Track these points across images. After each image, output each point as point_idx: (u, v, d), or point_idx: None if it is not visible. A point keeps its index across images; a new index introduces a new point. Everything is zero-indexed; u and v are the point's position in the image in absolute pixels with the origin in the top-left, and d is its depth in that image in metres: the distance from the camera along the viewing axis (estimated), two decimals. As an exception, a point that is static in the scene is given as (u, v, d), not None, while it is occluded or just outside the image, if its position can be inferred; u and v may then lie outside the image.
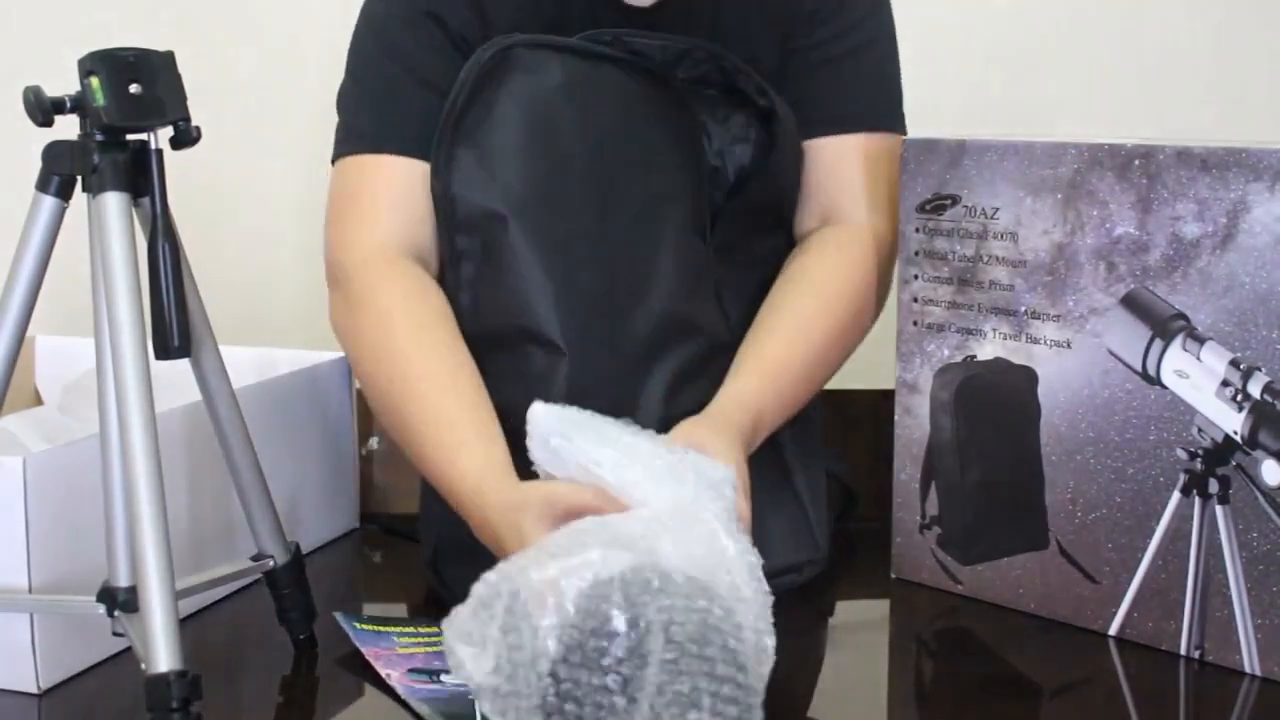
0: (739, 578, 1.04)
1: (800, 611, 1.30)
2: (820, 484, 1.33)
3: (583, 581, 0.91)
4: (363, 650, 1.11)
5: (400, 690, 1.05)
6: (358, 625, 1.15)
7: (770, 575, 1.15)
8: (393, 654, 1.10)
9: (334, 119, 1.28)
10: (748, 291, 1.29)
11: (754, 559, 1.05)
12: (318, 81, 1.56)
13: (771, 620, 1.02)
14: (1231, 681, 1.10)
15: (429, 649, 1.11)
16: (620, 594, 0.90)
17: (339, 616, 1.16)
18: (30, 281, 1.01)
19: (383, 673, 1.08)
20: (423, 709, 1.02)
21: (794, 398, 1.25)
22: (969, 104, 1.65)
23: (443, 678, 1.06)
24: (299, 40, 1.68)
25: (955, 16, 1.67)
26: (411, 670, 1.08)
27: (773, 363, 1.23)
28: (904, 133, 1.33)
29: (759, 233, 1.32)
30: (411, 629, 1.16)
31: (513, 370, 1.20)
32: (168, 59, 0.98)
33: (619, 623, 0.90)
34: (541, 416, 1.13)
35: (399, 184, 1.24)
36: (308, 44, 1.66)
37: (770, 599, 1.04)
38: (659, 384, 1.21)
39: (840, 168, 1.32)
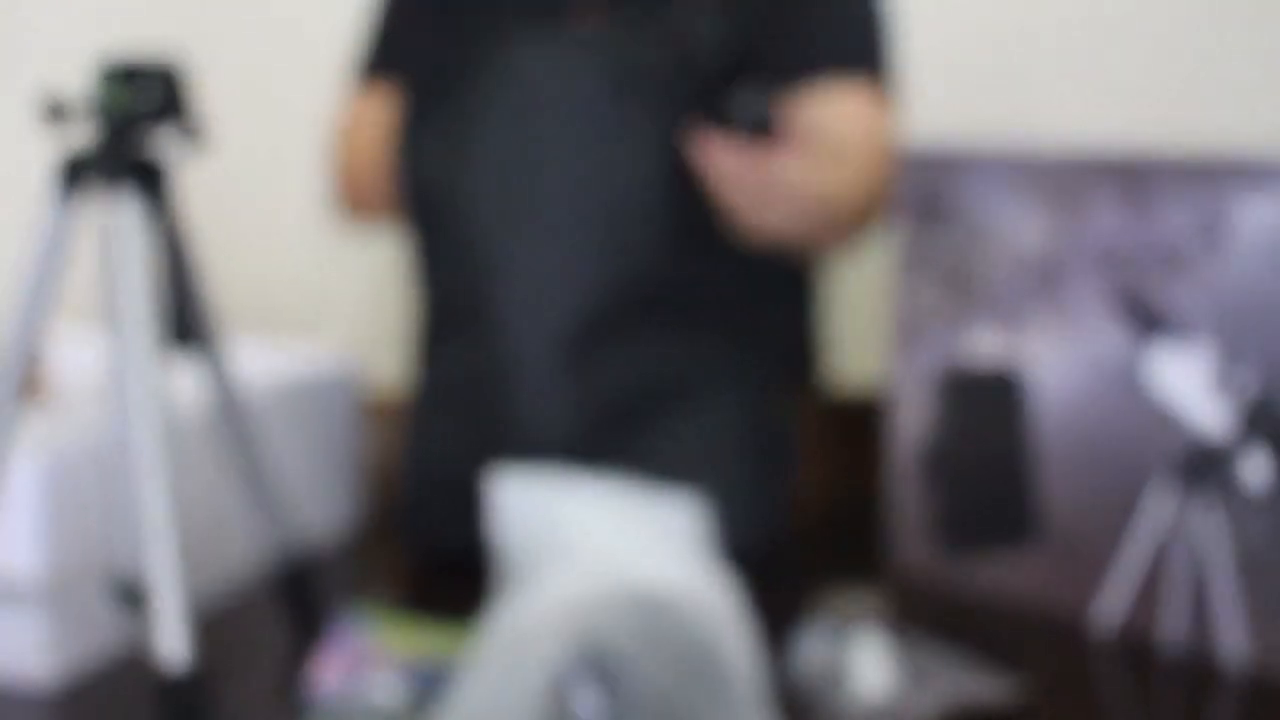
0: (705, 587, 1.04)
1: (798, 611, 1.30)
2: (783, 466, 1.35)
3: (536, 695, 0.90)
4: (326, 644, 1.09)
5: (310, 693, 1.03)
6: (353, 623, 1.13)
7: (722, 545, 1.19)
8: (362, 652, 1.08)
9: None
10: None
11: (713, 578, 1.06)
12: (326, 79, 1.57)
13: (741, 619, 1.03)
14: (1227, 681, 1.11)
15: (408, 651, 1.09)
16: (579, 693, 0.91)
17: (345, 613, 1.16)
18: (44, 282, 1.02)
19: (319, 671, 1.05)
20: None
21: None
22: (968, 104, 1.66)
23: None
24: (307, 37, 1.69)
25: (955, 17, 1.68)
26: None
27: None
28: (884, 74, 1.34)
29: None
30: (411, 631, 1.13)
31: (471, 345, 1.28)
32: (177, 59, 0.99)
33: (589, 716, 0.90)
34: (499, 482, 1.15)
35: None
36: (317, 41, 1.67)
37: (732, 594, 1.05)
38: (611, 356, 1.26)
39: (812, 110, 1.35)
